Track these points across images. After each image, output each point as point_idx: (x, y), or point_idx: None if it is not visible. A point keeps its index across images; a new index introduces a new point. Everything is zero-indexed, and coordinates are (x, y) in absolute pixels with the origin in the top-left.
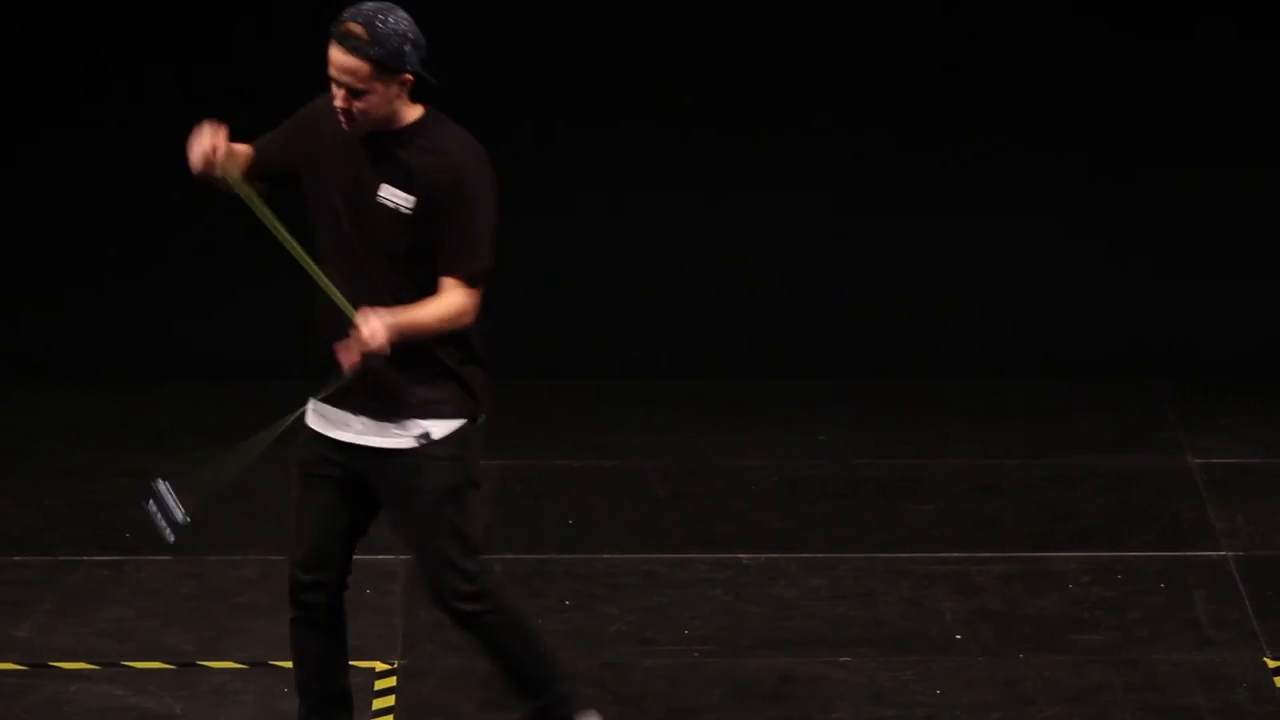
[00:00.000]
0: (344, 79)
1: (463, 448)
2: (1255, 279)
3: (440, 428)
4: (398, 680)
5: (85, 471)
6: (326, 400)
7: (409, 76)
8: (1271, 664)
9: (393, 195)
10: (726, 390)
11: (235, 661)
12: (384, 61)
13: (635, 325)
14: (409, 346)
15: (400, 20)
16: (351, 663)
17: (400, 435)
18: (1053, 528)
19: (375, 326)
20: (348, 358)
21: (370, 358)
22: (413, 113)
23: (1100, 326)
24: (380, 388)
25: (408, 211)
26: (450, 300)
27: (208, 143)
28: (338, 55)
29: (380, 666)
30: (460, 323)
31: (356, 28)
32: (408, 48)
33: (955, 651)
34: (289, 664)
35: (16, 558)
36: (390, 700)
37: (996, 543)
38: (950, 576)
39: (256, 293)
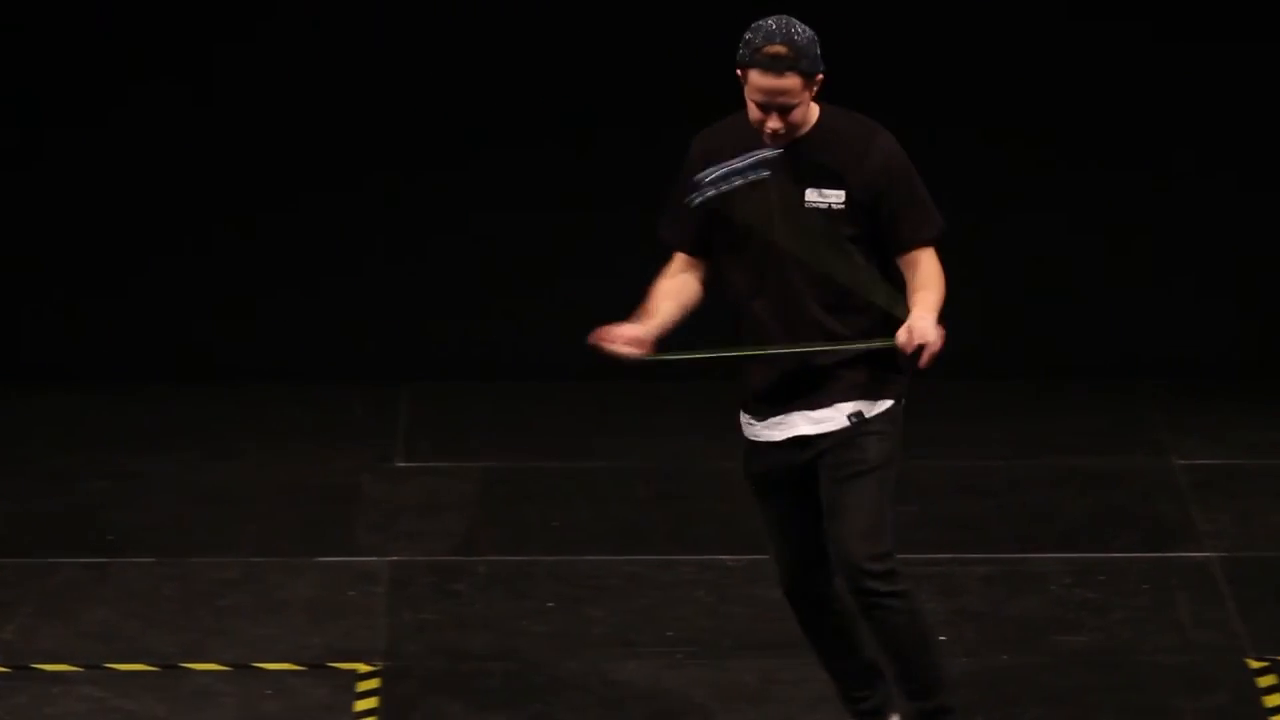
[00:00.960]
0: (779, 100)
1: (892, 425)
2: (1240, 281)
3: (872, 408)
4: (381, 682)
5: (69, 473)
6: (759, 413)
7: (821, 76)
8: (1254, 665)
9: (821, 196)
10: (710, 392)
11: (218, 664)
12: (810, 70)
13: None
14: (841, 334)
15: (804, 26)
16: (332, 665)
17: (834, 418)
18: (1036, 529)
19: (928, 331)
20: (925, 358)
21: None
22: (814, 110)
23: (1085, 328)
24: (811, 381)
25: (840, 207)
26: (933, 269)
27: (628, 348)
28: (769, 80)
29: (363, 668)
30: (944, 289)
31: (779, 49)
32: (818, 50)
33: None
34: (271, 666)
35: None
36: (374, 702)
37: (979, 544)
38: (933, 577)
39: (243, 296)
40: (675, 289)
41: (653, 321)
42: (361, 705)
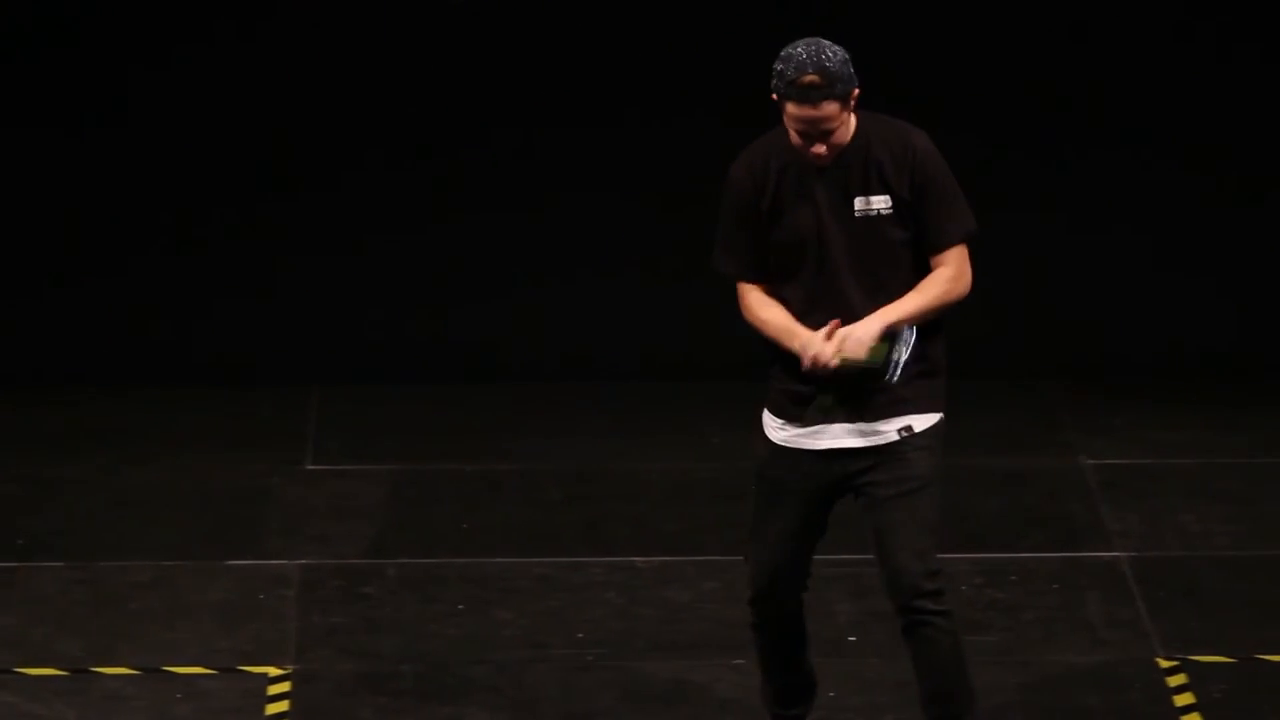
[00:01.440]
0: (821, 128)
1: (938, 440)
2: (1146, 279)
3: (920, 422)
4: (292, 685)
5: None
6: (803, 420)
7: (857, 91)
8: (1164, 664)
9: (869, 203)
10: (619, 394)
11: (128, 667)
12: (846, 94)
13: (529, 329)
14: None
15: (834, 48)
16: (242, 668)
17: (884, 432)
18: (946, 529)
19: (824, 348)
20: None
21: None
22: (852, 119)
23: (992, 328)
24: (862, 392)
25: (889, 211)
26: (946, 273)
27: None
28: (808, 111)
29: (274, 671)
30: (959, 289)
31: (814, 78)
32: (850, 68)
33: (849, 653)
34: (182, 670)
35: None
36: (284, 705)
37: None
38: (843, 578)
39: (152, 301)
40: (780, 308)
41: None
42: (272, 709)
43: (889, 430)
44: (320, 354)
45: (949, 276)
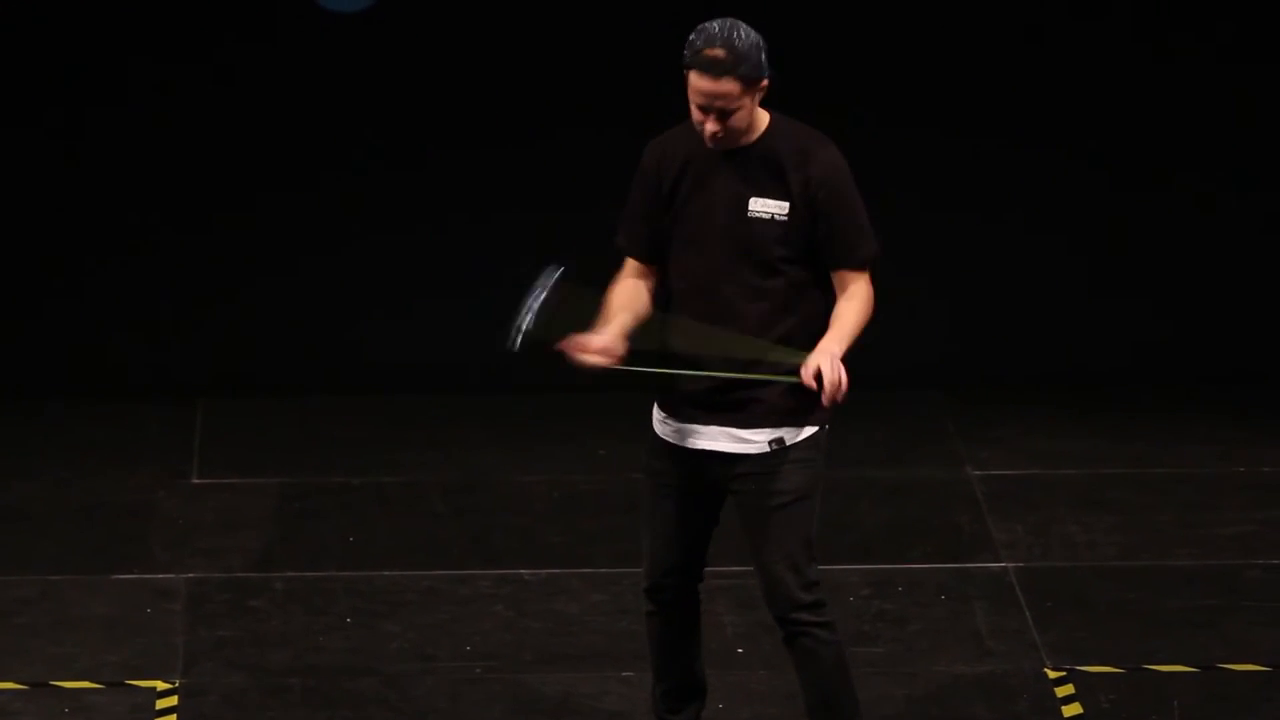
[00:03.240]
0: (716, 104)
1: (814, 452)
2: (1033, 289)
3: (794, 434)
4: (179, 699)
5: None
6: (678, 415)
7: (766, 82)
8: (1052, 675)
9: (765, 206)
10: (504, 406)
11: (15, 682)
12: (750, 75)
13: (411, 341)
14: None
15: (749, 31)
16: (130, 682)
17: (755, 441)
18: (833, 540)
19: (835, 368)
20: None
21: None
22: (763, 118)
23: (877, 338)
24: (736, 397)
25: (783, 218)
26: (860, 294)
27: (599, 357)
28: (705, 83)
29: (161, 685)
30: (870, 312)
31: (718, 52)
32: (763, 55)
33: (737, 665)
34: (69, 684)
35: None
36: (173, 719)
37: None
38: (730, 590)
39: (36, 313)
40: (629, 299)
41: (613, 330)
42: None
43: (759, 440)
44: (206, 367)
45: (863, 297)
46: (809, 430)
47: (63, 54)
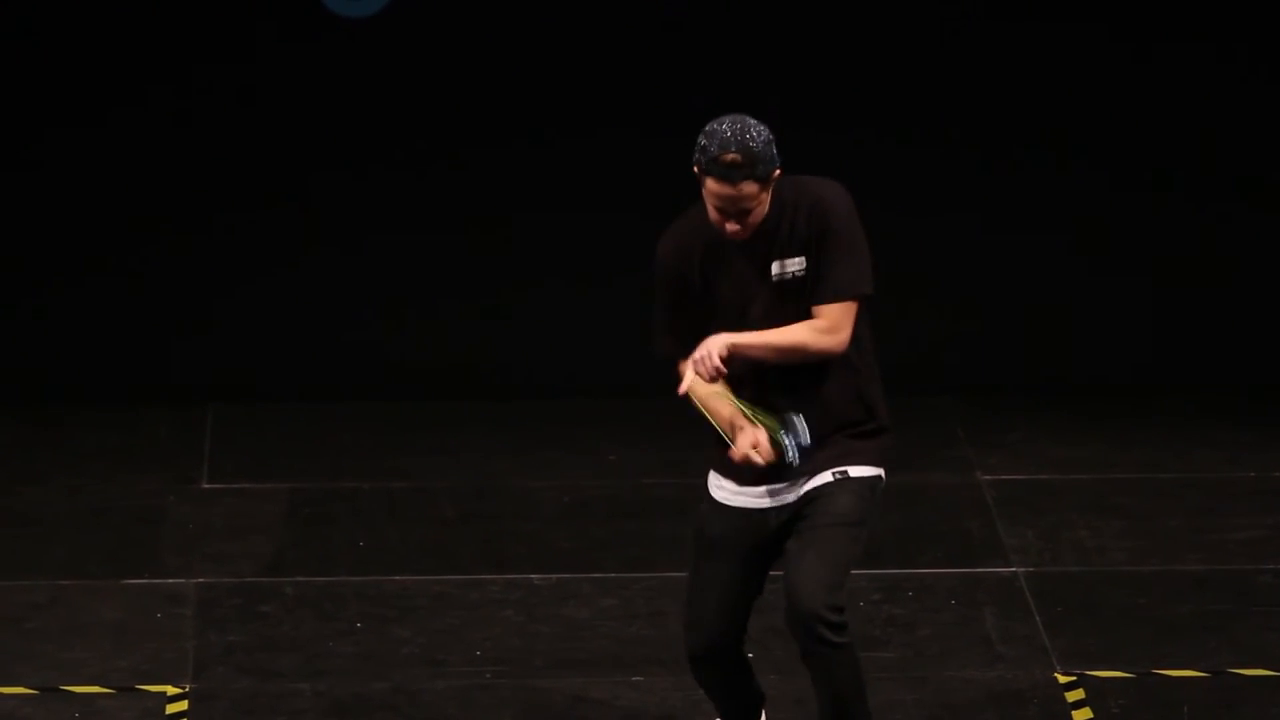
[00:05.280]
0: (739, 206)
1: (872, 493)
2: (1039, 295)
3: (857, 470)
4: (189, 704)
5: None
6: (742, 479)
7: (779, 171)
8: (1062, 680)
9: (784, 266)
10: (514, 411)
11: (25, 687)
12: (766, 175)
13: (424, 346)
14: (846, 408)
15: (759, 128)
16: (140, 687)
17: (821, 478)
18: None
19: (708, 344)
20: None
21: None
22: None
23: (888, 343)
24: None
25: (803, 273)
26: (819, 319)
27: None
28: (727, 189)
29: (171, 690)
30: (820, 343)
31: (735, 157)
32: (774, 149)
33: None
34: (80, 689)
35: None
36: None
37: None
38: None
39: (45, 318)
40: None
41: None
42: None
43: (825, 475)
44: (216, 372)
45: (820, 327)
46: (871, 470)
47: (75, 58)
